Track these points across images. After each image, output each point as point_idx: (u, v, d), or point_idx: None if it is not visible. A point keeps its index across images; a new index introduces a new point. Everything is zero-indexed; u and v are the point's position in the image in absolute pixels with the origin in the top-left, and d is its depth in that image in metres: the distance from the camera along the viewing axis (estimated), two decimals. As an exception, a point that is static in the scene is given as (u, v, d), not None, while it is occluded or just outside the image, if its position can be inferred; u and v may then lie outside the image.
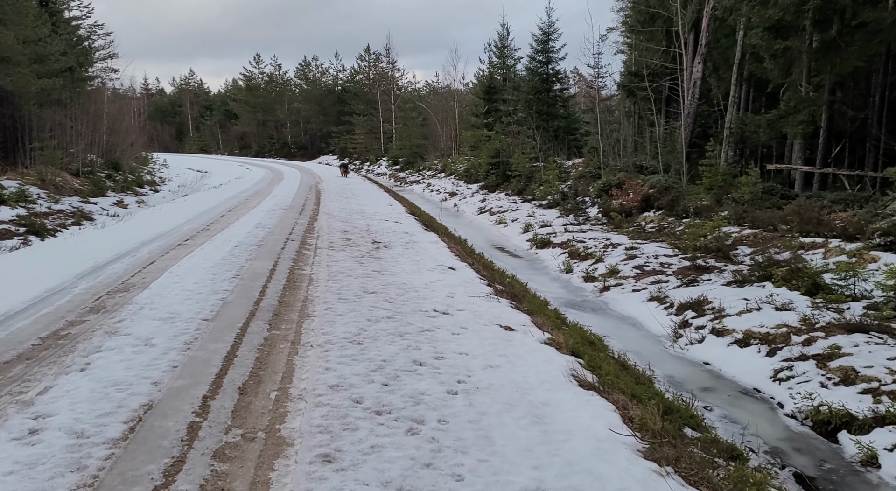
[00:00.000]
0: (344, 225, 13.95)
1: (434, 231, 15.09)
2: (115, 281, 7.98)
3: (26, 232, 17.75)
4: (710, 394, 7.72)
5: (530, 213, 22.77)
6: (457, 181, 35.63)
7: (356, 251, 10.85)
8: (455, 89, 50.49)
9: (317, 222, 14.10)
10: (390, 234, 13.28)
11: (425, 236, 13.57)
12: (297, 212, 15.90)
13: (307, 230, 12.89)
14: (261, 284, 7.98)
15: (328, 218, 14.97)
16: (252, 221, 13.65)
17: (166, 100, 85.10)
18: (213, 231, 12.42)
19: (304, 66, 67.98)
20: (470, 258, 11.91)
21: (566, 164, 30.99)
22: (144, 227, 13.15)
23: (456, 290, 8.77)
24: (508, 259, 16.73)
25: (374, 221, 15.07)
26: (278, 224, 13.45)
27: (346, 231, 13.04)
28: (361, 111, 56.88)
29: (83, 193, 25.37)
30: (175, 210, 16.96)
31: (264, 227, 12.89)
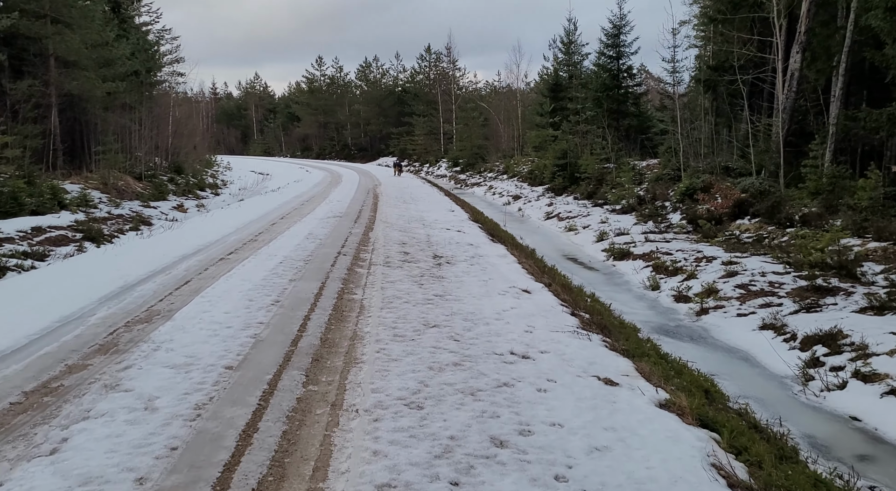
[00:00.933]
0: (402, 235, 12.63)
1: (501, 242, 13.59)
2: (138, 307, 6.87)
3: (83, 238, 17.30)
4: (872, 466, 5.93)
5: (603, 218, 20.94)
6: (520, 183, 33.99)
7: (415, 268, 9.49)
8: (518, 88, 48.80)
9: (372, 232, 12.84)
10: (453, 246, 11.87)
11: (492, 248, 12.09)
12: (352, 220, 14.71)
13: (361, 242, 11.63)
14: (303, 313, 6.70)
15: (385, 227, 13.70)
16: (303, 231, 12.52)
17: (232, 103, 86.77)
18: (260, 243, 11.32)
19: (364, 67, 67.72)
20: (545, 276, 10.35)
21: (640, 165, 28.86)
22: (192, 236, 12.23)
23: (534, 321, 7.25)
24: (583, 272, 15.05)
25: (434, 231, 13.71)
26: (331, 234, 12.25)
27: (403, 242, 11.70)
28: (421, 112, 55.90)
29: (144, 197, 25.15)
30: (228, 216, 16.10)
31: (315, 238, 11.71)
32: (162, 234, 13.18)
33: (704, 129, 25.69)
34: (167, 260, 9.52)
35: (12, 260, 13.75)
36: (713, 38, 28.60)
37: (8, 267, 13.32)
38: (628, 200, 22.44)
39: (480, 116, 48.39)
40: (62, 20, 23.90)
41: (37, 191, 18.87)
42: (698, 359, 8.54)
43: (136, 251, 10.86)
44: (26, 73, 23.36)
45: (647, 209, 20.85)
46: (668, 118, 35.13)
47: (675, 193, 21.04)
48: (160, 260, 9.51)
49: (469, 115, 48.20)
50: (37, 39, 23.31)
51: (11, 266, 13.41)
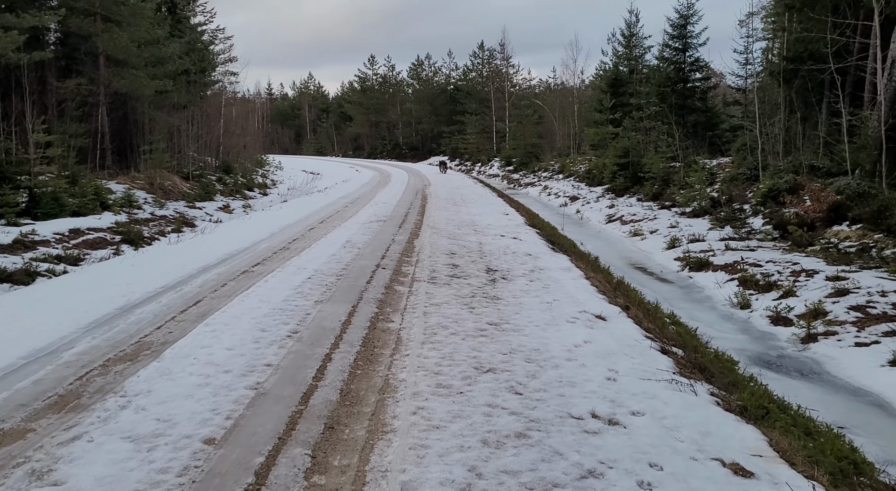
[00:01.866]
0: (450, 243, 11.12)
1: (563, 251, 11.92)
2: (128, 338, 5.60)
3: (121, 241, 16.50)
4: None
5: (673, 223, 18.93)
6: (577, 183, 32.04)
7: (465, 286, 7.97)
8: (574, 85, 46.67)
9: (418, 239, 11.38)
10: (509, 256, 10.29)
11: (554, 260, 10.45)
12: (396, 224, 13.30)
13: (405, 251, 10.18)
14: (323, 351, 5.28)
15: (432, 233, 12.22)
16: (341, 238, 11.17)
17: (287, 104, 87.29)
18: (292, 252, 10.02)
19: (416, 65, 66.61)
20: (619, 296, 8.66)
21: (709, 164, 26.55)
22: (222, 242, 11.06)
23: (617, 362, 5.63)
24: (656, 285, 13.23)
25: (487, 238, 12.15)
26: (371, 242, 10.85)
27: (452, 252, 10.19)
28: (473, 110, 54.34)
29: (190, 198, 24.50)
30: (266, 220, 14.98)
31: (353, 246, 10.33)
32: (192, 239, 12.09)
33: (782, 124, 23.22)
34: (185, 272, 8.30)
35: (43, 265, 12.92)
36: (788, 27, 26.12)
37: (38, 272, 12.47)
38: (700, 202, 20.33)
39: (535, 114, 46.49)
40: (112, 18, 23.46)
41: (79, 191, 18.28)
42: (817, 404, 6.74)
43: (160, 259, 9.73)
44: (76, 71, 23.03)
45: (722, 212, 18.73)
46: (739, 114, 32.51)
47: (755, 195, 18.85)
48: (177, 272, 8.30)
49: (523, 112, 46.37)
50: (86, 37, 22.93)
51: (42, 271, 12.56)
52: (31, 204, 16.52)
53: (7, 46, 18.06)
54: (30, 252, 13.56)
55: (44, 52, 20.00)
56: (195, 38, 36.15)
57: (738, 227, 17.37)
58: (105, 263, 10.85)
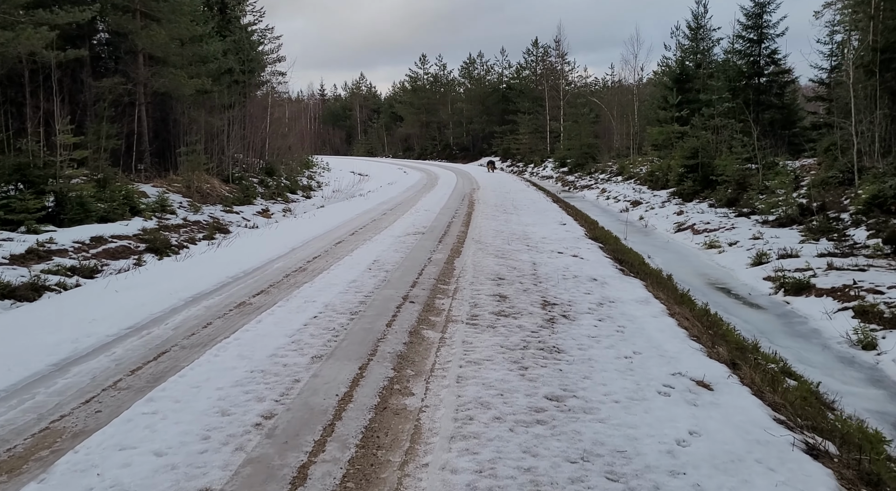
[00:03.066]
0: (498, 264, 9.17)
1: (634, 272, 9.81)
2: (27, 427, 3.91)
3: (146, 249, 15.29)
4: None
5: (755, 233, 16.42)
6: (638, 187, 29.51)
7: (515, 329, 6.03)
8: (634, 82, 43.84)
9: (459, 259, 9.46)
10: (569, 282, 8.28)
11: (625, 287, 8.37)
12: (436, 237, 11.41)
13: (442, 275, 8.29)
14: (298, 459, 3.45)
15: (477, 249, 10.29)
16: (369, 256, 9.37)
17: (339, 104, 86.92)
18: (307, 275, 8.28)
19: (468, 64, 64.71)
20: (718, 341, 6.55)
21: (791, 165, 23.69)
22: (232, 259, 9.47)
23: (750, 480, 3.61)
24: (745, 311, 10.96)
25: (542, 255, 10.15)
26: (403, 262, 9.01)
27: (500, 278, 8.24)
28: (526, 109, 52.06)
29: (228, 202, 23.31)
30: (295, 229, 13.39)
31: (381, 268, 8.50)
32: (205, 253, 10.54)
33: (879, 121, 20.20)
34: (167, 304, 6.66)
35: (54, 277, 11.67)
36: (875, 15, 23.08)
37: (46, 286, 11.14)
38: (786, 210, 17.70)
39: (591, 113, 43.90)
40: (152, 15, 22.51)
41: (108, 196, 17.21)
42: None
43: (156, 282, 8.17)
44: (115, 70, 22.18)
45: (814, 222, 16.10)
46: (821, 110, 29.28)
47: (854, 202, 16.16)
48: (159, 303, 6.67)
49: (579, 111, 43.84)
50: (125, 35, 22.06)
51: (52, 285, 11.25)
52: (57, 209, 15.45)
53: (37, 43, 17.10)
54: (43, 263, 12.33)
55: (79, 50, 19.04)
56: (243, 37, 35.37)
57: (838, 240, 14.77)
58: (146, 270, 9.39)
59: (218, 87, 26.69)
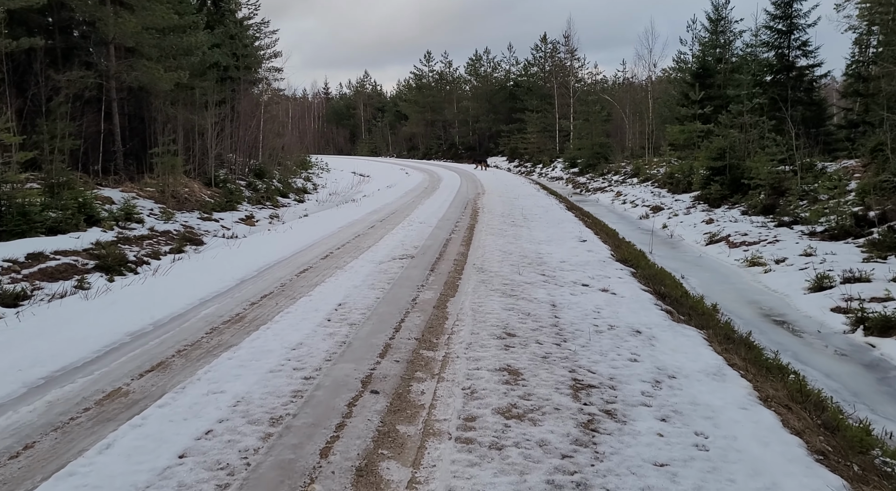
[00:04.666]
0: (506, 307, 6.74)
1: (687, 317, 7.38)
2: None
3: (96, 267, 12.99)
4: None
5: (806, 248, 13.89)
6: (657, 190, 26.98)
7: (534, 455, 3.63)
8: (648, 78, 41.21)
9: (454, 300, 7.03)
10: (605, 341, 5.86)
11: (684, 347, 5.94)
12: (427, 264, 8.96)
13: (428, 332, 5.85)
14: None
15: (479, 282, 7.86)
16: (334, 297, 6.93)
17: (342, 103, 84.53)
18: (241, 328, 5.88)
19: (474, 60, 62.13)
20: (848, 452, 4.11)
21: (831, 167, 21.12)
22: (161, 295, 7.13)
23: None
24: (821, 359, 8.51)
25: (563, 291, 7.71)
26: (377, 308, 6.55)
27: (508, 333, 5.83)
28: (535, 107, 49.50)
29: (208, 207, 20.98)
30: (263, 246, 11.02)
31: (345, 318, 6.05)
32: (126, 288, 8.14)
33: None
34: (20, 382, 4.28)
35: (-41, 308, 9.40)
36: None
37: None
38: (837, 220, 15.15)
39: (602, 111, 41.31)
40: (123, 1, 20.18)
41: (57, 204, 14.89)
42: None
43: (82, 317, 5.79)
44: (83, 62, 19.85)
45: (876, 235, 13.59)
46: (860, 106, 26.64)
47: (925, 213, 13.64)
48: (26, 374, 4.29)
49: (590, 108, 41.25)
50: (92, 23, 19.73)
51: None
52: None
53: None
54: (-45, 288, 10.03)
55: (34, 39, 16.71)
56: (238, 32, 33.10)
57: (911, 259, 12.26)
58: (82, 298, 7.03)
59: (201, 83, 24.36)
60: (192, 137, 23.19)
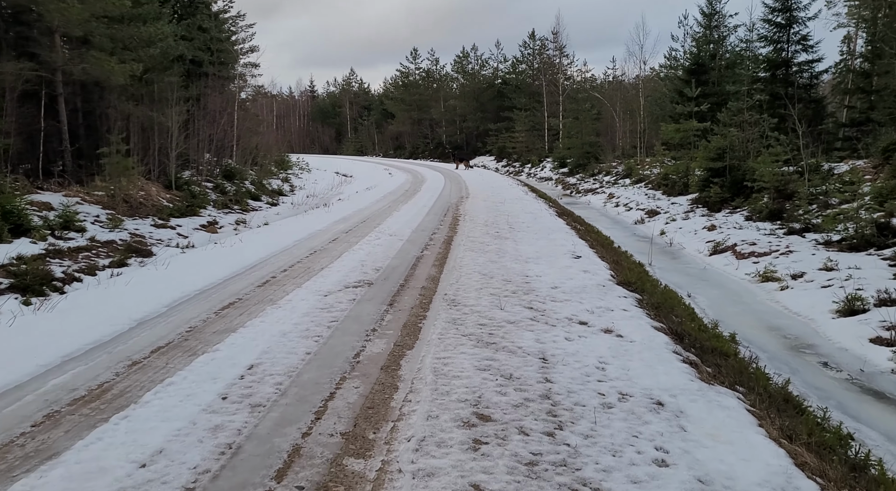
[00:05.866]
0: (480, 364, 4.94)
1: (717, 373, 5.60)
2: None
3: (10, 287, 11.05)
4: None
5: (825, 262, 12.20)
6: (651, 192, 25.32)
7: None
8: (639, 75, 39.56)
9: (411, 353, 5.21)
10: (617, 424, 4.10)
11: (727, 430, 4.21)
12: (386, 296, 7.08)
13: (362, 418, 4.03)
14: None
15: (449, 320, 6.04)
16: (249, 354, 5.03)
17: (328, 101, 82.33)
18: (89, 417, 4.05)
19: (462, 57, 60.22)
20: None
21: (838, 169, 19.53)
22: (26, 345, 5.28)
23: None
24: (872, 410, 6.83)
25: (556, 334, 5.92)
26: (302, 374, 4.65)
27: (478, 413, 4.04)
28: (523, 105, 47.73)
29: (165, 213, 18.99)
30: (196, 266, 9.13)
31: (247, 396, 4.19)
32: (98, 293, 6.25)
33: None
34: None
35: None
36: None
37: None
38: (857, 228, 13.50)
39: (592, 109, 39.63)
40: (69, -13, 18.11)
41: (-22, 212, 12.92)
42: None
43: None
44: (25, 53, 17.80)
45: (905, 248, 11.94)
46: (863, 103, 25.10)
47: (959, 222, 12.01)
48: None
49: (580, 107, 39.55)
50: (30, 10, 17.69)
51: None
52: None
53: None
54: None
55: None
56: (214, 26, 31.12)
57: (950, 276, 10.61)
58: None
59: (167, 77, 22.37)
60: (151, 136, 21.19)
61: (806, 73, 25.48)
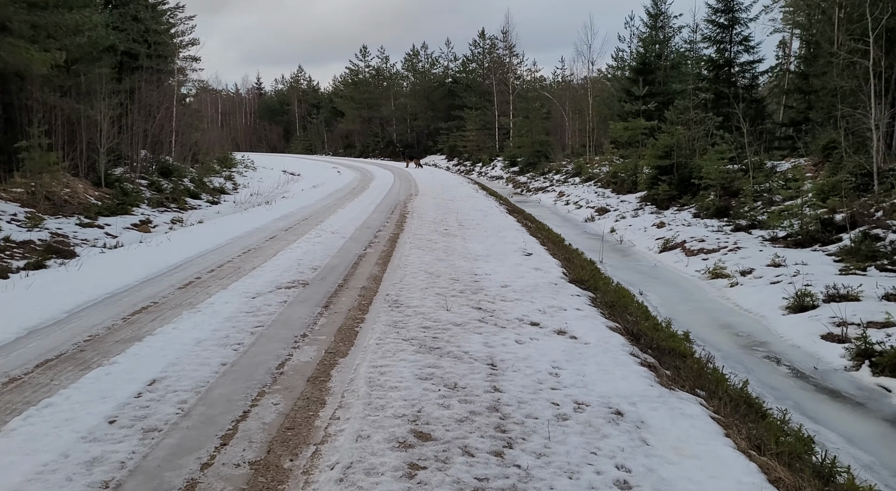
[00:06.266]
0: (421, 372, 4.34)
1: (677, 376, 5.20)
2: None
3: None
4: None
5: (772, 258, 12.17)
6: (601, 190, 25.33)
7: None
8: (588, 75, 39.81)
9: (344, 361, 4.54)
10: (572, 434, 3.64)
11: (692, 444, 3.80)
12: (322, 297, 6.37)
13: (278, 442, 3.37)
14: None
15: (389, 324, 5.43)
16: (152, 366, 4.23)
17: (276, 99, 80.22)
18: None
19: (412, 55, 59.56)
20: None
21: (780, 167, 19.90)
22: None
23: None
24: (826, 411, 6.62)
25: (505, 337, 5.40)
26: (213, 389, 3.89)
27: (417, 430, 3.48)
28: (474, 104, 47.47)
29: (93, 211, 17.74)
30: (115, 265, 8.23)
31: (141, 418, 3.44)
32: None
33: (878, 112, 16.28)
34: None
35: None
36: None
37: None
38: (802, 224, 13.59)
39: (542, 108, 39.66)
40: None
41: None
42: None
43: None
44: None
45: (849, 242, 12.04)
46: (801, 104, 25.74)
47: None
48: None
49: (530, 105, 39.52)
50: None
51: None
52: None
53: None
54: None
55: None
56: (151, 17, 29.52)
57: (892, 269, 10.68)
58: None
59: (92, 69, 20.95)
60: (78, 131, 19.78)
61: (748, 73, 26.02)
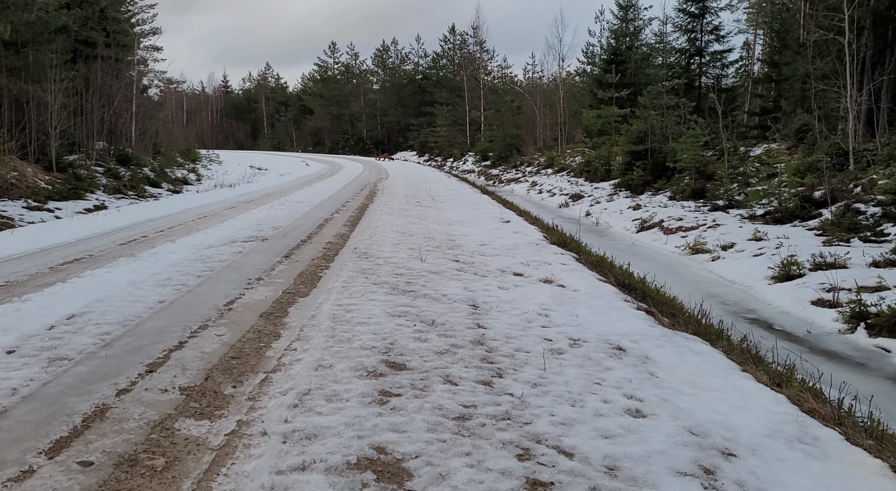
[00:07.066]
0: (394, 310, 3.76)
1: (672, 318, 4.71)
2: None
3: None
4: None
5: (753, 232, 11.91)
6: (574, 179, 25.05)
7: None
8: (559, 70, 39.69)
9: (304, 301, 3.93)
10: (570, 365, 3.09)
11: (706, 373, 3.23)
12: (282, 250, 5.56)
13: (219, 370, 2.79)
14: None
15: (357, 270, 4.81)
16: (74, 303, 3.69)
17: (243, 97, 78.59)
18: None
19: (381, 51, 58.84)
20: None
21: (753, 152, 19.86)
22: None
23: None
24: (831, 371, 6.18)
25: (487, 283, 4.83)
26: (144, 323, 3.33)
27: (388, 360, 2.92)
28: (444, 100, 47.00)
29: (42, 195, 16.72)
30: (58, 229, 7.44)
31: (50, 348, 2.90)
32: None
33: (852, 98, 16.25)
34: None
35: None
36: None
37: None
38: (781, 201, 13.38)
39: (514, 102, 39.39)
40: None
41: None
42: None
43: None
44: None
45: (829, 217, 11.83)
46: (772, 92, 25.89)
47: (878, 190, 12.06)
48: None
49: (501, 98, 39.19)
50: None
51: None
52: None
53: None
54: None
55: None
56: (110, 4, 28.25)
57: (875, 240, 10.47)
58: None
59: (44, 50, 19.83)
60: (27, 113, 18.64)
61: (718, 62, 26.07)
